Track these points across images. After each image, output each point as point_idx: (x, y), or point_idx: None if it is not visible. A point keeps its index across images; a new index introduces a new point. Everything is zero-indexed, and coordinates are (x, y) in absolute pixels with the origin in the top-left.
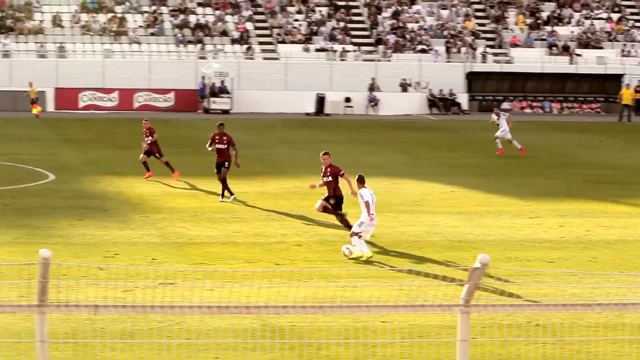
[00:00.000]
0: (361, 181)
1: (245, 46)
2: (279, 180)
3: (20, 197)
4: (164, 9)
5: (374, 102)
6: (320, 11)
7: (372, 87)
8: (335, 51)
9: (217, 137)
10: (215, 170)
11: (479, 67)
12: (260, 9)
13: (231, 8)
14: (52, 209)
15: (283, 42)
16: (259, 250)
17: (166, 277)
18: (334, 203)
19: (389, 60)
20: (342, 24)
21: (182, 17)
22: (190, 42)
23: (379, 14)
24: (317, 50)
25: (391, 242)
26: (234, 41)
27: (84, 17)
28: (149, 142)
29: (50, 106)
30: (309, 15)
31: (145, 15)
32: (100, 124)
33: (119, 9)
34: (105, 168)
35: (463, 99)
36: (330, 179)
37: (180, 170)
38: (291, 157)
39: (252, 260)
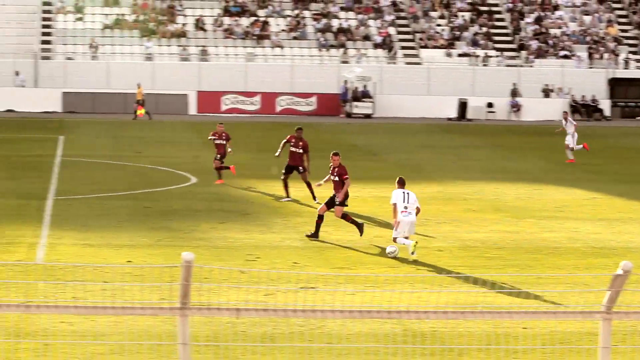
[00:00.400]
0: (400, 183)
1: (387, 51)
2: (421, 185)
3: (162, 199)
4: (307, 13)
5: (516, 107)
6: (462, 16)
7: (515, 93)
8: (477, 56)
9: (293, 140)
10: (284, 171)
11: (622, 73)
12: (402, 14)
13: (374, 12)
14: (194, 212)
15: (425, 47)
16: (400, 255)
17: (307, 281)
18: (339, 201)
19: (531, 66)
20: (484, 29)
21: (324, 21)
22: (332, 46)
23: (522, 19)
24: (460, 55)
25: (532, 248)
26: (376, 45)
27: (227, 20)
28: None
29: (193, 109)
30: (452, 20)
31: (288, 19)
32: (242, 127)
33: (261, 12)
34: (247, 172)
35: (605, 105)
36: (337, 179)
37: (324, 174)
38: (433, 162)
39: (394, 265)
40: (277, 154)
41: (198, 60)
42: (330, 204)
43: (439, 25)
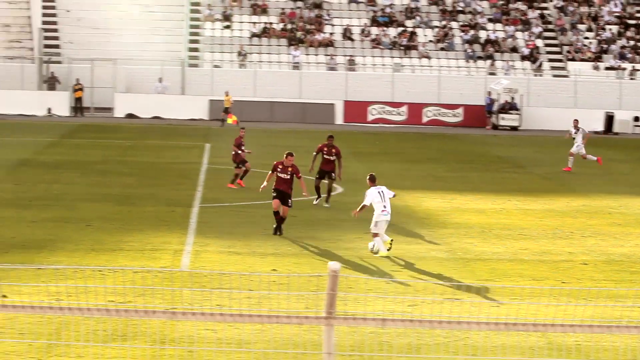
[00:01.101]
0: (372, 180)
1: (534, 63)
2: (567, 198)
3: (308, 209)
4: (454, 24)
5: None
6: (610, 29)
7: None
8: (624, 70)
9: (325, 148)
10: (317, 176)
11: None
12: (550, 26)
13: (521, 24)
14: (340, 222)
15: (573, 59)
16: (545, 268)
17: (452, 293)
18: (284, 198)
19: None
20: (632, 43)
21: (472, 32)
22: (480, 57)
23: None
24: (607, 68)
25: None
26: (523, 58)
27: (374, 30)
28: (245, 150)
29: (339, 119)
30: (599, 33)
31: (436, 30)
32: (389, 137)
33: (409, 23)
34: (393, 182)
35: None
36: (289, 177)
37: (469, 185)
38: (578, 175)
39: (538, 277)
40: (310, 168)
41: (345, 70)
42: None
43: (586, 38)
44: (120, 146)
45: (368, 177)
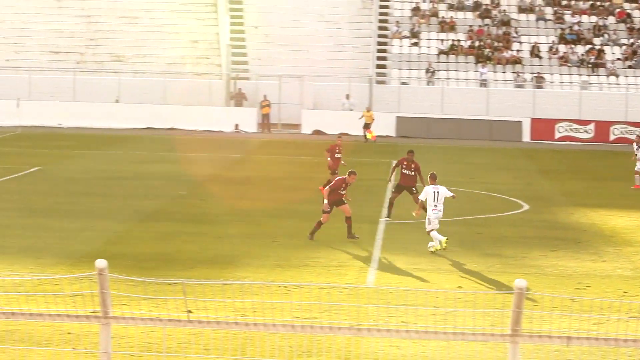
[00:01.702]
0: (432, 178)
1: None
2: None
3: (494, 226)
4: None
5: None
6: None
7: None
8: None
9: (405, 163)
10: (394, 190)
11: None
12: None
13: None
14: (525, 239)
15: None
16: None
17: (638, 311)
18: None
19: None
20: None
21: None
22: None
23: None
24: None
25: None
26: None
27: (562, 48)
28: (340, 159)
29: (526, 136)
30: None
31: (624, 47)
32: (576, 155)
33: (597, 40)
34: (579, 200)
35: None
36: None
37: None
38: None
39: None
40: (389, 179)
41: (532, 87)
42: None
43: None
44: (307, 163)
45: (429, 175)
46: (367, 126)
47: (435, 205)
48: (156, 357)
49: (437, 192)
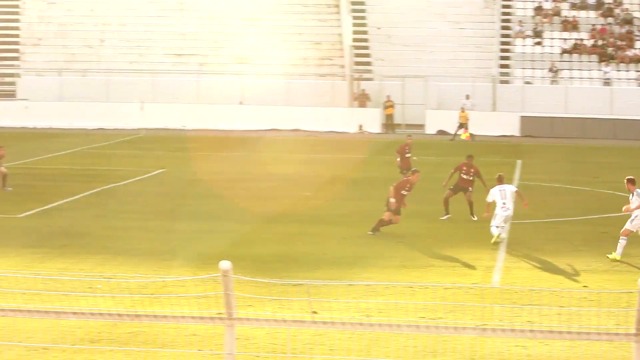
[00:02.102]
0: (499, 179)
1: None
2: None
3: (619, 225)
4: None
5: None
6: None
7: None
8: None
9: (464, 167)
10: (451, 187)
11: None
12: None
13: None
14: None
15: None
16: None
17: None
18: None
19: None
20: None
21: None
22: None
23: None
24: None
25: None
26: None
27: None
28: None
29: None
30: None
31: None
32: None
33: None
34: None
35: None
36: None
37: None
38: None
39: None
40: (445, 184)
41: None
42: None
43: None
44: (431, 163)
45: (497, 176)
46: (462, 126)
47: (504, 203)
48: (281, 358)
49: (504, 191)
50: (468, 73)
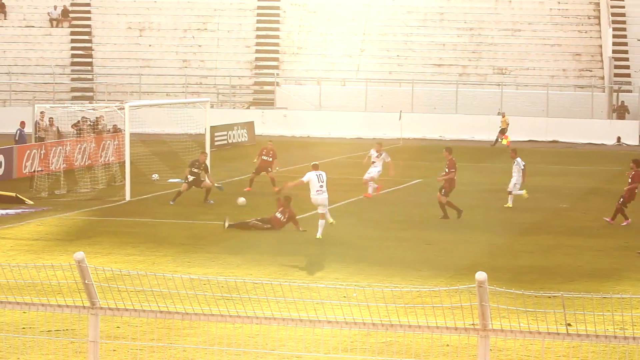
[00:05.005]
0: (314, 167)
1: None
2: None
3: None
4: None
5: None
6: None
7: None
8: None
9: None
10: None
11: None
12: None
13: None
14: None
15: None
16: None
17: None
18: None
19: None
20: None
21: None
22: None
23: None
24: None
25: None
26: None
27: None
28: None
29: None
30: None
31: None
32: None
33: None
34: None
35: None
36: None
37: None
38: None
39: None
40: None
41: None
42: None
43: None
44: None
45: (312, 164)
46: (502, 131)
47: (321, 186)
48: None
49: (320, 175)
50: None
